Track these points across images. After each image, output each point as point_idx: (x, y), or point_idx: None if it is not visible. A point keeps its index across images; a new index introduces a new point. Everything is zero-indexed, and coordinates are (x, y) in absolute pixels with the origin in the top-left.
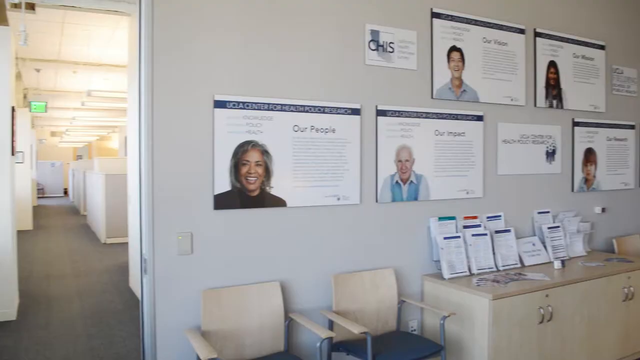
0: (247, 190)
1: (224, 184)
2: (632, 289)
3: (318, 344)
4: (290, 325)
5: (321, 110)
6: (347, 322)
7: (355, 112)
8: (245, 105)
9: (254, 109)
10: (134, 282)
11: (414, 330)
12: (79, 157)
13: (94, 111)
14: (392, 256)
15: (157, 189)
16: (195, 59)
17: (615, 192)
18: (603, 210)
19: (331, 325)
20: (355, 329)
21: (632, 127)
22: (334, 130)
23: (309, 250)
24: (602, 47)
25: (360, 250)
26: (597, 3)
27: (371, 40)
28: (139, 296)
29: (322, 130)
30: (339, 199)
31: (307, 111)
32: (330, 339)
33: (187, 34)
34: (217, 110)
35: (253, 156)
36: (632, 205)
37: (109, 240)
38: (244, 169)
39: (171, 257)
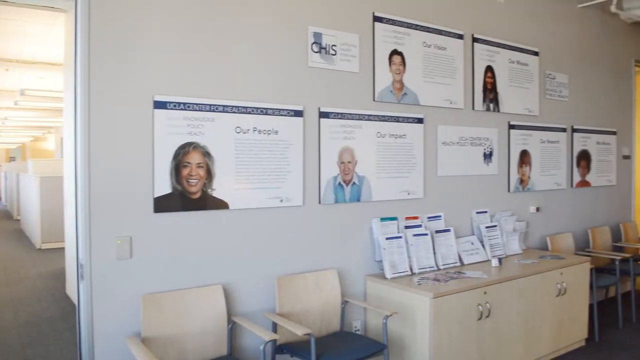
0: (189, 192)
1: (164, 186)
2: (564, 284)
3: (262, 347)
4: (233, 328)
5: (264, 111)
6: (290, 324)
7: (298, 113)
8: (186, 106)
9: (195, 110)
10: (71, 289)
11: (358, 330)
12: (12, 158)
13: (28, 111)
14: (336, 257)
15: (94, 191)
16: (134, 58)
17: (548, 192)
18: (537, 209)
19: (275, 327)
20: (299, 331)
21: (563, 130)
22: (276, 132)
23: (252, 252)
24: (535, 54)
25: (304, 252)
26: (531, 12)
27: (314, 43)
28: (76, 303)
29: (264, 132)
30: (281, 200)
31: (249, 112)
32: (274, 341)
33: (126, 32)
34: (157, 111)
35: (194, 158)
36: (564, 204)
37: (45, 246)
38: (185, 171)
39: (109, 262)
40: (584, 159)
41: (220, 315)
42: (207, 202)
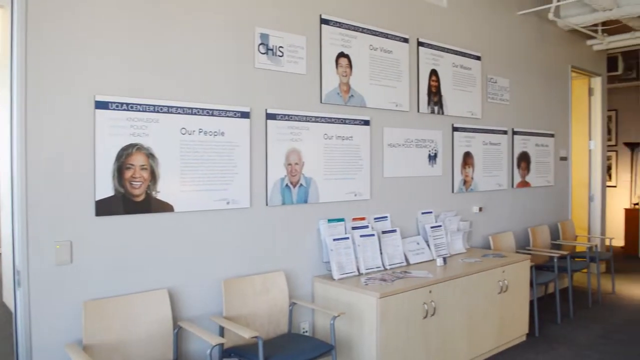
0: (132, 195)
1: (106, 189)
2: (506, 282)
3: (208, 351)
4: (179, 333)
5: (210, 112)
6: (237, 327)
7: (245, 115)
8: (129, 107)
9: (139, 111)
10: (8, 296)
11: (306, 331)
12: None
13: None
14: (283, 259)
15: (31, 194)
16: (74, 56)
17: (490, 192)
18: (480, 209)
19: (222, 331)
20: (246, 334)
21: (505, 132)
22: (223, 134)
23: (198, 255)
24: (478, 58)
25: (251, 254)
26: (474, 18)
27: (261, 44)
28: (13, 311)
29: (211, 133)
30: (228, 202)
31: (195, 114)
32: (222, 345)
33: (66, 29)
34: (99, 111)
35: (138, 160)
36: (505, 204)
37: None
38: (128, 173)
39: (48, 268)
40: (524, 160)
41: (165, 320)
42: (151, 205)
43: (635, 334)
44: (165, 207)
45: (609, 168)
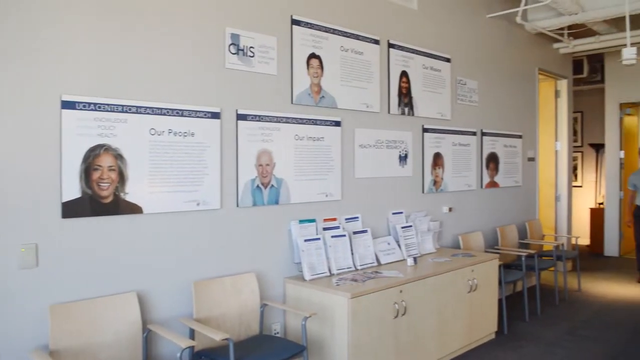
0: (100, 196)
1: (73, 190)
2: (475, 281)
3: (178, 354)
4: (149, 336)
5: (179, 113)
6: (208, 329)
7: (215, 115)
8: (96, 107)
9: (107, 111)
10: None
11: (277, 332)
12: None
13: None
14: (254, 260)
15: None
16: (40, 55)
17: (460, 192)
18: (450, 209)
19: (192, 333)
20: (217, 336)
21: (474, 133)
22: (193, 134)
23: (168, 257)
24: (448, 60)
25: (222, 256)
26: (444, 20)
27: (231, 44)
28: None
29: (180, 134)
30: (198, 204)
31: (164, 114)
32: (192, 348)
33: (31, 26)
34: (65, 111)
35: (105, 161)
36: (474, 204)
37: None
38: (96, 175)
39: (12, 272)
40: (493, 161)
41: (134, 323)
42: (119, 207)
43: (600, 330)
44: (134, 209)
45: (575, 168)
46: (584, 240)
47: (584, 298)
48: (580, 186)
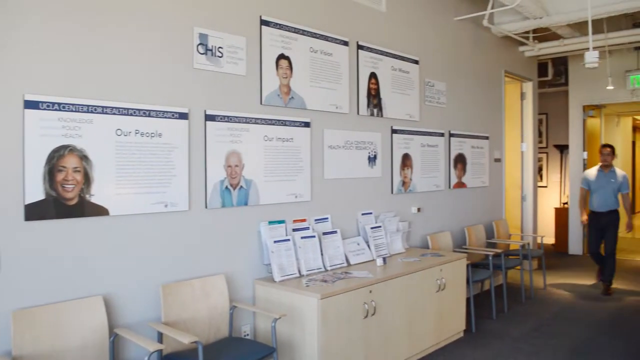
0: (64, 198)
1: (36, 192)
2: (443, 280)
3: (146, 358)
4: (115, 341)
5: (147, 113)
6: (176, 332)
7: (183, 116)
8: (61, 107)
9: (72, 111)
10: None
11: (247, 335)
12: None
13: None
14: (223, 262)
15: None
16: (2, 53)
17: (428, 193)
18: (418, 210)
19: (161, 337)
20: (185, 339)
21: (441, 134)
22: (160, 135)
23: (135, 260)
24: (416, 62)
25: (190, 258)
26: (412, 22)
27: (200, 44)
28: None
29: (147, 135)
30: (166, 205)
31: (131, 114)
32: (160, 351)
33: None
34: (28, 111)
35: (70, 162)
36: (443, 205)
37: None
38: (60, 176)
39: None
40: (460, 162)
41: (101, 327)
42: (84, 209)
43: (564, 327)
44: (100, 211)
45: (540, 169)
46: (549, 239)
47: (549, 296)
48: (546, 186)
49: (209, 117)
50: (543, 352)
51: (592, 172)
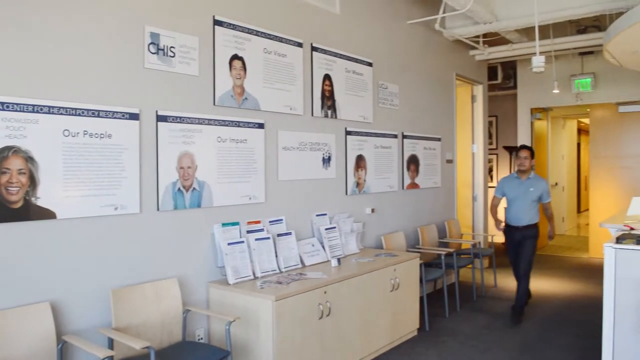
0: (8, 202)
1: None
2: (397, 279)
3: None
4: (64, 348)
5: (95, 114)
6: (127, 338)
7: (134, 116)
8: (4, 106)
9: (15, 111)
10: None
11: (201, 338)
12: None
13: None
14: (176, 265)
15: None
16: None
17: (382, 194)
18: (372, 210)
19: (111, 343)
20: (137, 344)
21: (395, 136)
22: (110, 136)
23: (84, 265)
24: (370, 64)
25: (142, 262)
26: (366, 25)
27: (151, 43)
28: None
29: (96, 136)
30: (116, 208)
31: (79, 115)
32: (111, 358)
33: None
34: None
35: (14, 164)
36: (396, 205)
37: None
38: (4, 178)
39: None
40: (413, 163)
41: (48, 335)
42: (30, 212)
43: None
44: (47, 214)
45: (491, 170)
46: (500, 238)
47: (499, 293)
48: (496, 186)
49: (161, 118)
50: (494, 348)
51: (508, 179)
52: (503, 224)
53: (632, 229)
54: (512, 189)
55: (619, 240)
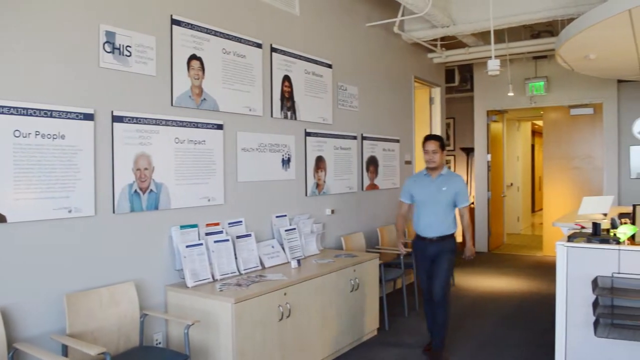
0: None
1: None
2: (357, 280)
3: None
4: (15, 356)
5: (48, 114)
6: (82, 344)
7: (88, 117)
8: None
9: None
10: None
11: (159, 343)
12: None
13: None
14: (133, 269)
15: None
16: None
17: (342, 195)
18: (332, 212)
19: (66, 350)
20: (92, 351)
21: (354, 137)
22: (63, 137)
23: (37, 269)
24: (329, 66)
25: (98, 265)
26: (325, 26)
27: (106, 42)
28: None
29: (49, 136)
30: (70, 211)
31: (31, 115)
32: None
33: None
34: None
35: None
36: (356, 206)
37: None
38: None
39: None
40: (372, 164)
41: None
42: None
43: (472, 321)
44: None
45: None
46: (457, 237)
47: (457, 292)
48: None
49: (117, 119)
50: (451, 345)
51: (416, 177)
52: (403, 240)
53: (582, 227)
54: (421, 189)
55: (571, 238)
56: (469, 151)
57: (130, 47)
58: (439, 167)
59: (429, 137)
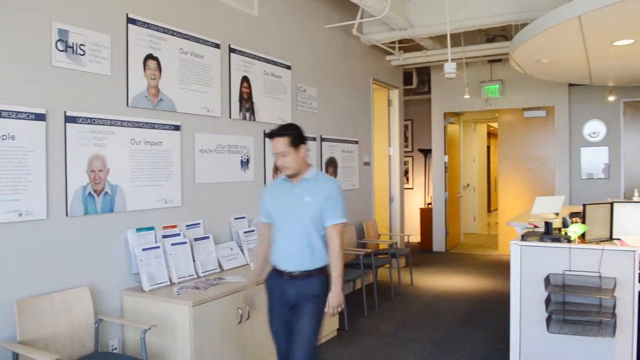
0: None
1: None
2: None
3: None
4: None
5: None
6: (34, 351)
7: (40, 117)
8: None
9: None
10: None
11: (115, 348)
12: None
13: None
14: (87, 273)
15: None
16: None
17: None
18: None
19: (16, 358)
20: (44, 358)
21: (313, 139)
22: (13, 137)
23: None
24: (288, 67)
25: (50, 270)
26: (284, 27)
27: (59, 40)
28: None
29: None
30: (20, 214)
31: None
32: None
33: None
34: None
35: None
36: None
37: None
38: None
39: None
40: (332, 165)
41: None
42: None
43: (430, 319)
44: None
45: (406, 172)
46: (415, 237)
47: (416, 291)
48: (412, 188)
49: (70, 119)
50: (410, 344)
51: (274, 185)
52: (259, 279)
53: (535, 227)
54: (275, 201)
55: (524, 237)
56: (426, 152)
57: (84, 45)
58: (297, 174)
59: (271, 134)
